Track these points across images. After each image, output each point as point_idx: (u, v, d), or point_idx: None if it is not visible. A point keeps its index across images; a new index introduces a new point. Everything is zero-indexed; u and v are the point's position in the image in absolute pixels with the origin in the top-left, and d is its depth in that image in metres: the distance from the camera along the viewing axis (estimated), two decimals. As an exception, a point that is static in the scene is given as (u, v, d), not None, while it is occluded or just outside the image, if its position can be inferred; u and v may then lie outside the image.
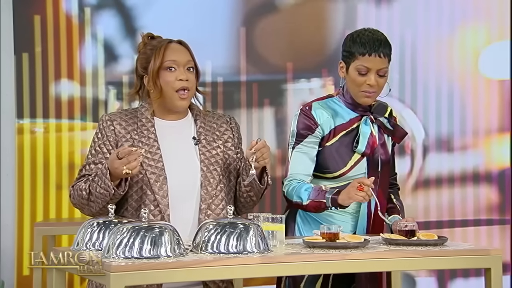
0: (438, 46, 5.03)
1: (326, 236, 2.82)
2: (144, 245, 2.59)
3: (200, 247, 2.68)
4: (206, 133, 3.14)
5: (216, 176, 3.08)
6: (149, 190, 3.02)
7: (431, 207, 5.02)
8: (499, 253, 2.82)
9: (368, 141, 3.20)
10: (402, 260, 2.76)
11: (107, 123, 3.09)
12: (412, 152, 5.03)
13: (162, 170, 3.03)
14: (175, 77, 3.07)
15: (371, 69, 3.15)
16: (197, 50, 4.77)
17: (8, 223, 4.70)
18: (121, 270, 2.47)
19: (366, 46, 3.14)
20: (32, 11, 4.73)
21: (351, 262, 2.70)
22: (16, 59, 4.71)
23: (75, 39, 4.77)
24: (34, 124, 4.76)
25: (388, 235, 2.95)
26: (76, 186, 3.05)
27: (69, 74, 4.75)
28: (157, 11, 4.81)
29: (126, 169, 2.85)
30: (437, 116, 5.05)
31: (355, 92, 3.20)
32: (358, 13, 4.96)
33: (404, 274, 5.03)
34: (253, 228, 2.71)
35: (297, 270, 2.71)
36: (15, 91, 4.71)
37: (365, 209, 3.21)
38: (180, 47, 3.14)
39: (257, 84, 4.91)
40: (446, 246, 2.88)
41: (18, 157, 4.73)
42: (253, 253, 2.67)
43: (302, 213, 3.24)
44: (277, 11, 4.92)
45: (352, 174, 3.20)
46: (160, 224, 2.65)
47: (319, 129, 3.19)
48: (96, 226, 2.82)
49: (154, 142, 3.07)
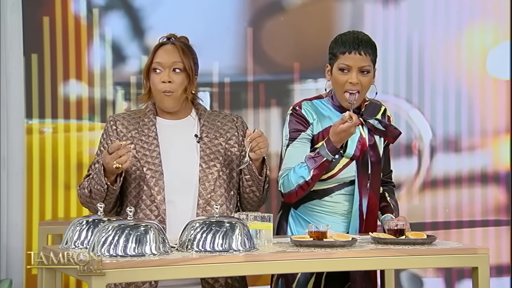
0: (446, 46, 5.01)
1: (314, 235, 2.83)
2: (129, 243, 2.62)
3: (186, 245, 2.71)
4: (209, 131, 3.17)
5: (215, 172, 3.10)
6: (146, 186, 3.07)
7: (438, 207, 5.00)
8: (486, 252, 2.81)
9: (356, 145, 3.20)
10: (388, 258, 2.76)
11: (110, 123, 3.18)
12: (419, 153, 5.02)
13: (158, 166, 3.09)
14: (159, 78, 3.12)
15: (352, 66, 3.17)
16: (204, 50, 4.79)
17: (17, 222, 4.75)
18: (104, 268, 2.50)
19: (346, 44, 3.16)
20: (41, 13, 4.78)
21: (336, 261, 2.71)
22: (25, 60, 4.77)
23: (83, 40, 4.81)
24: (43, 124, 4.81)
25: (377, 234, 2.95)
26: (81, 185, 3.14)
27: (78, 74, 4.79)
28: (165, 12, 4.83)
29: (116, 163, 2.91)
30: (444, 116, 5.03)
31: (339, 94, 3.20)
32: (365, 13, 4.96)
33: (411, 274, 5.02)
34: (239, 227, 2.73)
35: (281, 268, 2.72)
36: (24, 92, 4.76)
37: (356, 210, 3.21)
38: (171, 48, 3.17)
39: (264, 85, 4.92)
40: (434, 245, 2.87)
41: (27, 157, 4.78)
42: (238, 251, 2.69)
43: (294, 213, 3.25)
44: (284, 12, 4.93)
45: (342, 176, 3.20)
46: (145, 223, 2.68)
47: (310, 128, 3.21)
48: (85, 225, 2.85)
49: (153, 140, 3.13)
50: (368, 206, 3.20)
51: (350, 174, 3.21)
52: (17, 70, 4.77)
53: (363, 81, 3.19)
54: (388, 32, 4.94)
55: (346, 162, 3.20)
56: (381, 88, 4.87)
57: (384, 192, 3.33)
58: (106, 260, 2.55)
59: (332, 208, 3.23)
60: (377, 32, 4.91)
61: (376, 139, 3.27)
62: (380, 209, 3.28)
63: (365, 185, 3.18)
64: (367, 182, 3.19)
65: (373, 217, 3.22)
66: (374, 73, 3.24)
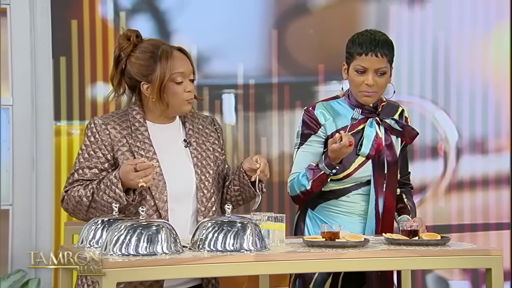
0: (472, 46, 4.98)
1: (326, 235, 2.84)
2: (141, 243, 2.65)
3: (198, 245, 2.73)
4: (196, 135, 3.14)
5: (209, 179, 3.09)
6: (149, 195, 3.02)
7: (464, 210, 4.97)
8: (499, 253, 2.80)
9: (372, 144, 3.21)
10: (398, 259, 2.76)
11: (101, 127, 3.04)
12: (445, 154, 4.99)
13: (160, 175, 3.03)
14: (182, 89, 3.06)
15: (368, 68, 3.17)
16: (229, 52, 4.89)
17: (46, 222, 4.81)
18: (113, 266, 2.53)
19: (363, 46, 3.16)
20: (70, 16, 4.84)
21: (346, 261, 2.72)
22: (54, 63, 4.83)
23: (110, 42, 4.86)
24: (71, 126, 4.86)
25: (390, 235, 2.95)
26: (72, 192, 3.03)
27: (105, 77, 4.84)
28: (190, 14, 4.87)
29: (142, 182, 2.87)
30: (471, 117, 5.00)
31: (355, 92, 3.22)
32: (391, 15, 4.95)
33: (437, 277, 5.00)
34: (250, 227, 2.74)
35: (291, 268, 2.74)
36: (52, 94, 4.83)
37: (372, 210, 3.21)
38: (183, 57, 3.10)
39: (289, 86, 4.93)
40: (448, 247, 2.86)
41: (55, 158, 4.83)
42: (249, 251, 2.70)
43: (311, 214, 3.27)
44: (309, 14, 4.94)
45: (358, 176, 3.21)
46: (157, 222, 2.71)
47: (322, 129, 3.22)
48: (100, 224, 2.88)
49: (150, 147, 3.06)
50: (384, 206, 3.20)
51: (366, 174, 3.21)
52: (46, 73, 4.83)
53: (379, 82, 3.19)
54: (414, 33, 4.93)
55: (362, 162, 3.21)
56: (406, 90, 4.93)
57: (402, 194, 3.33)
58: (118, 259, 2.58)
59: (349, 208, 3.23)
60: (402, 33, 4.90)
61: (393, 139, 3.27)
62: (397, 210, 3.28)
63: (381, 185, 3.18)
64: (383, 182, 3.20)
65: (389, 217, 3.22)
66: (391, 72, 3.23)
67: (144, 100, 3.10)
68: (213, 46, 4.86)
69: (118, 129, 3.06)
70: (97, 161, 3.04)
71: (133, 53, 3.08)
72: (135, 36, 3.09)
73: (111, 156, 3.04)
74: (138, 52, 3.07)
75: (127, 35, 3.10)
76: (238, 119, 4.89)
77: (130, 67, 3.08)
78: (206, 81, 4.82)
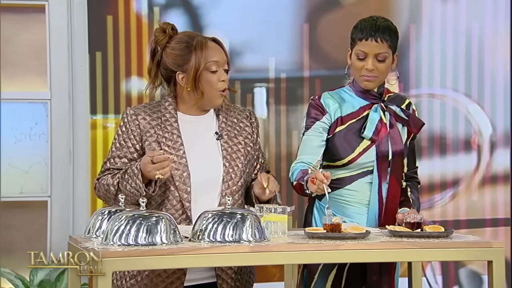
0: (506, 39, 4.91)
1: (328, 227, 2.85)
2: (140, 233, 2.70)
3: (198, 235, 2.77)
4: (228, 128, 3.18)
5: (237, 172, 3.13)
6: (172, 186, 3.08)
7: (498, 204, 4.91)
8: (501, 246, 2.78)
9: (376, 127, 3.21)
10: (397, 251, 2.76)
11: (131, 117, 3.14)
12: (478, 148, 4.94)
13: (185, 166, 3.09)
14: (217, 78, 3.11)
15: (368, 53, 3.20)
16: (261, 46, 4.92)
17: (83, 214, 4.91)
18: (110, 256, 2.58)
19: (363, 31, 3.20)
20: (105, 12, 4.92)
21: (343, 252, 2.72)
22: (90, 58, 4.91)
23: (144, 37, 4.92)
24: (106, 120, 4.94)
25: (393, 227, 2.95)
26: (102, 180, 3.13)
27: (139, 71, 4.91)
28: (223, 9, 4.91)
29: (159, 174, 2.94)
30: (505, 111, 4.93)
31: (356, 77, 3.26)
32: (423, 7, 4.91)
33: (471, 271, 4.94)
34: (250, 219, 2.77)
35: (288, 259, 2.76)
36: (89, 88, 4.92)
37: (375, 195, 3.21)
38: (218, 47, 3.15)
39: (320, 80, 4.94)
40: (450, 239, 2.85)
41: (92, 151, 4.92)
42: (248, 242, 2.73)
43: (319, 205, 3.28)
44: (341, 7, 4.94)
45: (362, 161, 3.22)
46: (157, 213, 2.75)
47: (327, 116, 3.25)
48: (106, 214, 2.95)
49: (177, 138, 3.12)
50: (388, 192, 3.20)
51: (370, 159, 3.22)
52: (82, 68, 4.92)
53: (380, 67, 3.21)
54: (447, 26, 4.88)
55: (366, 146, 3.22)
56: (439, 83, 4.89)
57: (407, 187, 3.33)
58: (118, 248, 2.64)
59: (355, 198, 3.24)
60: (435, 26, 4.86)
61: (399, 128, 3.27)
62: (400, 202, 3.27)
63: (385, 170, 3.19)
64: (387, 168, 3.20)
65: (394, 205, 3.22)
66: (393, 58, 3.23)
67: (178, 91, 3.16)
68: (245, 40, 4.90)
69: (148, 120, 3.13)
70: (127, 150, 3.12)
71: (168, 44, 3.16)
72: (171, 28, 3.18)
73: (139, 146, 3.11)
74: (173, 43, 3.15)
75: (163, 28, 3.18)
76: (270, 113, 4.92)
77: (166, 58, 3.16)
78: (238, 75, 4.85)
